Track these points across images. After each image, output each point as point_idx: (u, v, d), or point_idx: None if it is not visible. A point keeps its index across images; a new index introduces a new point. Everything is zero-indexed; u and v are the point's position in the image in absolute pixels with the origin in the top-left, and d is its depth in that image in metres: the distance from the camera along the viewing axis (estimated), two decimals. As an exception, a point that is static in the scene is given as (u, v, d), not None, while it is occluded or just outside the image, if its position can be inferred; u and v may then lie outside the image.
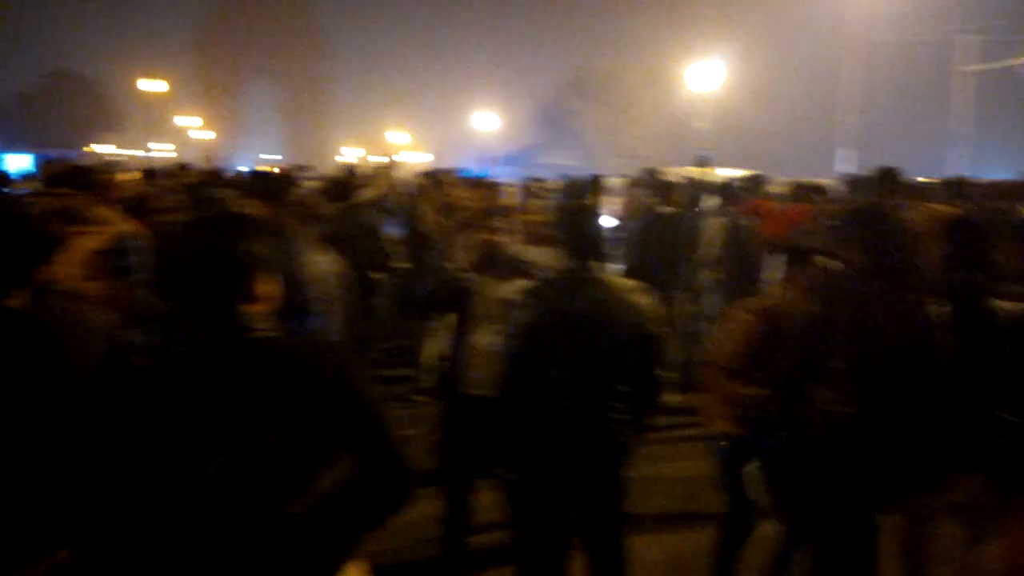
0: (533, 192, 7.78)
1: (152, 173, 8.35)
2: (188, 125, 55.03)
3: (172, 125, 54.88)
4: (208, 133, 55.80)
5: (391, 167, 8.43)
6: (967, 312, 3.00)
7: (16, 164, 14.57)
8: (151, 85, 45.19)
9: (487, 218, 3.96)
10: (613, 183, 10.00)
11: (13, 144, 34.35)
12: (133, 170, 8.79)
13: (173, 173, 8.77)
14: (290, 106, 74.59)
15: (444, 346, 3.84)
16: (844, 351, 2.98)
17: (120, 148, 48.10)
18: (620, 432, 3.07)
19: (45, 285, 2.12)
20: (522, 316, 3.03)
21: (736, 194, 7.22)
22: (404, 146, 55.43)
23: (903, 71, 40.37)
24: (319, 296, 3.52)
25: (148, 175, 8.00)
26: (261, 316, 1.77)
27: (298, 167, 8.95)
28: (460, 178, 8.80)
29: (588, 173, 10.04)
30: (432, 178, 8.21)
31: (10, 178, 6.21)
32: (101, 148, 44.81)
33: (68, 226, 3.33)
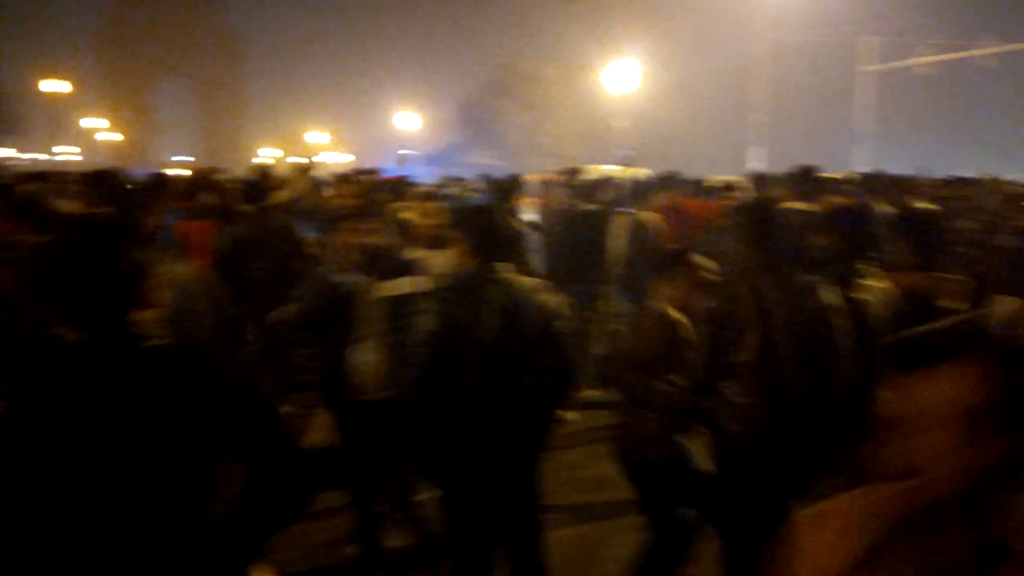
0: (434, 193, 7.75)
1: (43, 176, 7.99)
2: (94, 127, 52.80)
3: (77, 127, 52.55)
4: (115, 135, 53.65)
5: (307, 168, 8.28)
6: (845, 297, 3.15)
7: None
8: (54, 86, 43.23)
9: (360, 217, 3.84)
10: (533, 181, 10.06)
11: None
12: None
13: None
14: (203, 107, 72.34)
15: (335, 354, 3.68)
16: (748, 345, 3.09)
17: (21, 152, 45.80)
18: (534, 430, 3.10)
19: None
20: (427, 320, 3.01)
21: (643, 192, 7.40)
22: (324, 146, 54.56)
23: (809, 71, 41.97)
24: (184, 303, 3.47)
25: (38, 178, 7.65)
26: (151, 323, 1.72)
27: (210, 169, 8.71)
28: (381, 179, 8.71)
29: (507, 172, 10.07)
30: (343, 178, 8.11)
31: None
32: (1, 152, 42.56)
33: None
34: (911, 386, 1.20)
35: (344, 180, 7.19)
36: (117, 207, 3.54)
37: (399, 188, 7.12)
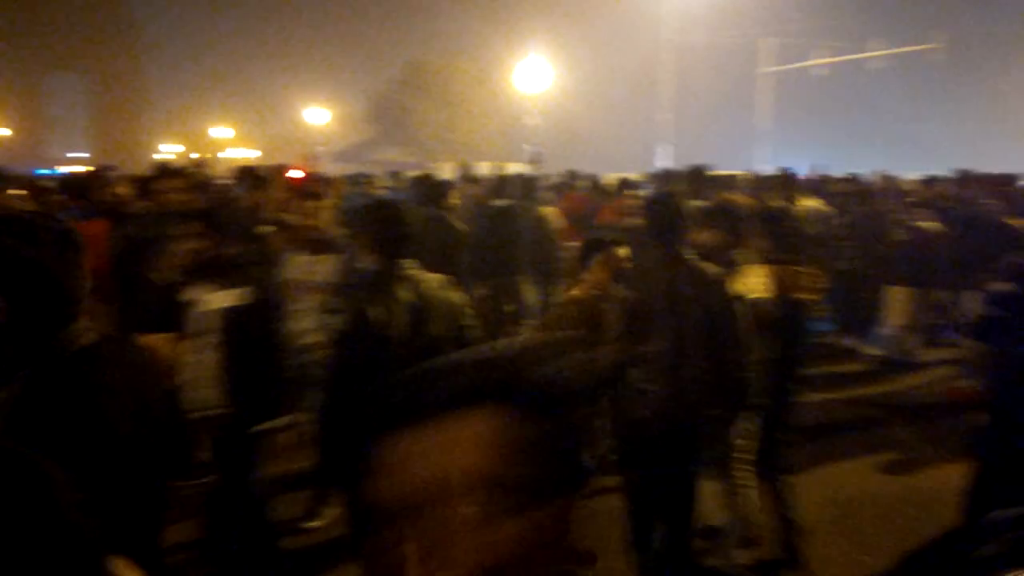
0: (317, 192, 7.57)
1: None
2: (-22, 121, 49.69)
3: (-41, 122, 49.36)
4: (3, 131, 50.66)
5: (202, 164, 7.98)
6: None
7: None
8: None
9: (198, 220, 3.64)
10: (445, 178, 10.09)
11: None
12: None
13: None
14: (99, 101, 68.94)
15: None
16: (656, 333, 3.20)
17: None
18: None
19: None
20: (335, 323, 2.97)
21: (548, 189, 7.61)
22: (228, 142, 52.90)
23: (714, 71, 43.28)
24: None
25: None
26: (84, 330, 1.62)
27: (103, 167, 8.29)
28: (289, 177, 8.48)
29: (419, 169, 10.03)
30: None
31: None
32: None
33: None
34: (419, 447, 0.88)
35: (173, 174, 6.25)
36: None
37: (306, 186, 6.95)
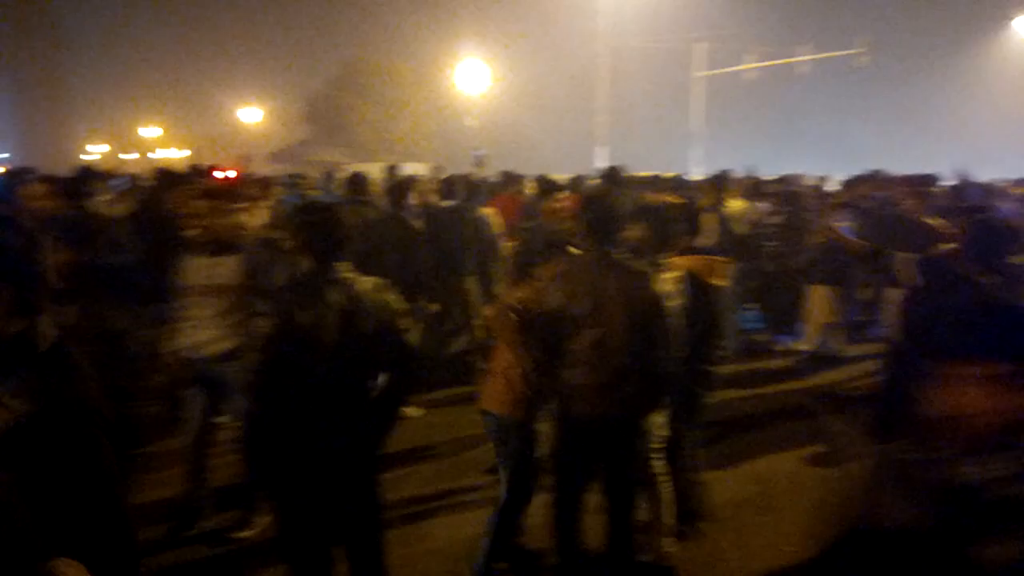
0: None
1: None
2: None
3: None
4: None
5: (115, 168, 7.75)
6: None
7: None
8: None
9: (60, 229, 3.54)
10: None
11: None
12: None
13: None
14: (20, 100, 66.26)
15: None
16: (587, 331, 3.26)
17: None
18: (375, 430, 3.07)
19: None
20: (261, 326, 2.93)
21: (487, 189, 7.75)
22: (157, 141, 51.42)
23: (650, 75, 43.97)
24: None
25: None
26: (48, 325, 1.70)
27: (21, 169, 7.97)
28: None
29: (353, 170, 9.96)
30: (165, 175, 7.69)
31: None
32: None
33: None
34: None
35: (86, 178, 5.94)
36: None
37: (234, 187, 6.82)
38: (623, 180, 7.57)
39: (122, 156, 48.62)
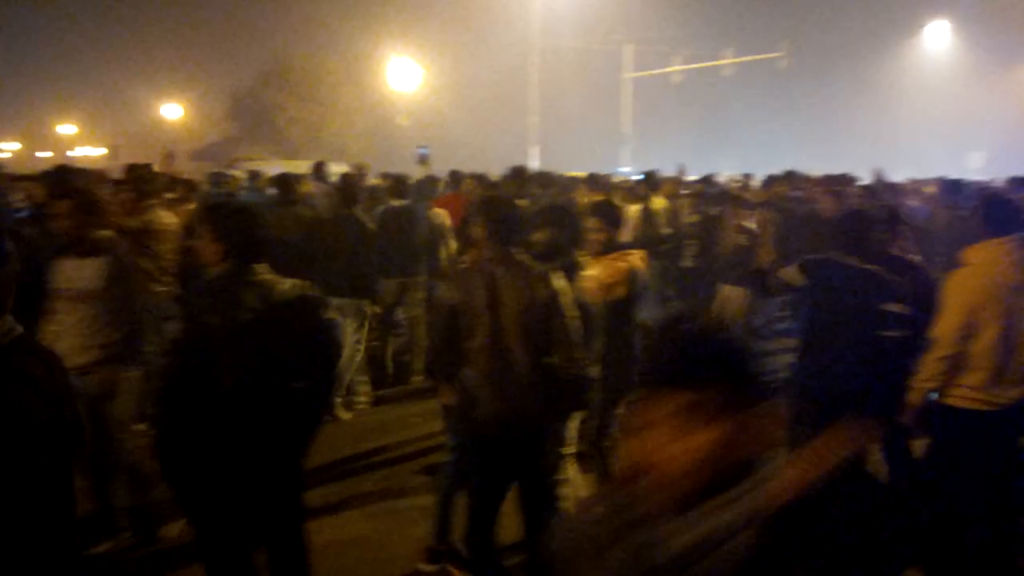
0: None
1: None
2: None
3: None
4: None
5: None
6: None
7: None
8: None
9: None
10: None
11: None
12: None
13: None
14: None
15: None
16: (480, 329, 3.28)
17: None
18: (295, 435, 3.04)
19: None
20: (173, 329, 2.88)
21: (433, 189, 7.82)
22: (73, 139, 49.44)
23: (581, 75, 44.39)
24: None
25: None
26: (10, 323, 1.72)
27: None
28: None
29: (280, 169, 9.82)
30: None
31: None
32: None
33: None
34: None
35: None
36: None
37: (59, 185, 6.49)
38: (529, 179, 7.76)
39: (37, 155, 46.55)
